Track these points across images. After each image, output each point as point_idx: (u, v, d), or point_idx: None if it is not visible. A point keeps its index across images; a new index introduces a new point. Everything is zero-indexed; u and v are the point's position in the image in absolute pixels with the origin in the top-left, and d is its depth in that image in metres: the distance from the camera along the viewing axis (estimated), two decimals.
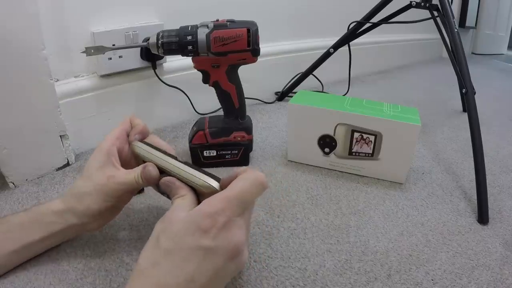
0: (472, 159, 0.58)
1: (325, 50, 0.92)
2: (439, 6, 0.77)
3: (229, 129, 0.62)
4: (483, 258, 0.46)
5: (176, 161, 0.39)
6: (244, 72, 0.61)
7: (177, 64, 0.78)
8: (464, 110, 0.98)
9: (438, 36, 0.77)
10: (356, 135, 0.60)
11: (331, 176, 0.63)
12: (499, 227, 0.52)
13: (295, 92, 0.97)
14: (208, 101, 0.76)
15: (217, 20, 0.56)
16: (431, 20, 0.78)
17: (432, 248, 0.47)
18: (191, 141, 0.62)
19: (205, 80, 0.60)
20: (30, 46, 0.53)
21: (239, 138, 0.63)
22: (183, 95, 0.79)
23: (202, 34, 0.54)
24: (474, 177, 0.57)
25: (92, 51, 0.56)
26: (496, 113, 0.99)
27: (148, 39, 0.56)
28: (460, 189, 0.61)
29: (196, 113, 0.83)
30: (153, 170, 0.39)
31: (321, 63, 0.94)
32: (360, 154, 0.62)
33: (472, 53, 1.94)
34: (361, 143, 0.60)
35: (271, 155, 0.69)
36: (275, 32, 0.97)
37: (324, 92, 1.02)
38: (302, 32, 1.07)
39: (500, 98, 1.14)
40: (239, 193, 0.32)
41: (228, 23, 0.55)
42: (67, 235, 0.43)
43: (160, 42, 0.55)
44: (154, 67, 0.72)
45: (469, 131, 0.60)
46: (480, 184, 0.55)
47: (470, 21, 1.71)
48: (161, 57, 0.73)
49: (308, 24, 1.08)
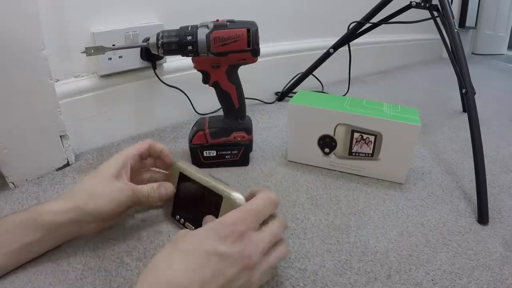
0: (472, 159, 0.58)
1: (325, 50, 0.92)
2: (439, 6, 0.77)
3: (229, 129, 0.62)
4: (483, 258, 0.46)
5: (213, 178, 0.45)
6: (244, 72, 0.61)
7: (177, 64, 0.78)
8: (464, 110, 0.98)
9: (438, 36, 0.77)
10: (356, 135, 0.60)
11: (331, 176, 0.63)
12: (499, 227, 0.52)
13: (295, 92, 0.97)
14: (208, 101, 0.76)
15: (217, 20, 0.56)
16: (431, 21, 0.78)
17: (432, 248, 0.47)
18: (191, 141, 0.62)
19: (205, 80, 0.60)
20: (30, 46, 0.53)
21: (239, 138, 0.63)
22: (183, 95, 0.79)
23: (202, 34, 0.54)
24: (474, 177, 0.57)
25: (92, 51, 0.56)
26: (496, 113, 0.99)
27: (148, 39, 0.56)
28: (460, 189, 0.61)
29: (196, 113, 0.83)
30: (169, 187, 0.46)
31: (321, 63, 0.94)
32: (360, 154, 0.62)
33: (472, 53, 1.94)
34: (361, 143, 0.60)
35: (271, 155, 0.69)
36: (275, 32, 0.97)
37: (324, 92, 1.02)
38: (302, 32, 1.07)
39: (500, 98, 1.14)
40: (255, 207, 0.36)
41: (228, 23, 0.55)
42: (65, 236, 0.43)
43: (160, 42, 0.55)
44: (154, 67, 0.72)
45: (469, 131, 0.60)
46: (480, 184, 0.55)
47: (470, 21, 1.70)
48: (161, 57, 0.73)
49: (308, 24, 1.08)
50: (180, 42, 0.55)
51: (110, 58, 0.66)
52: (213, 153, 0.63)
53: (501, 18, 1.94)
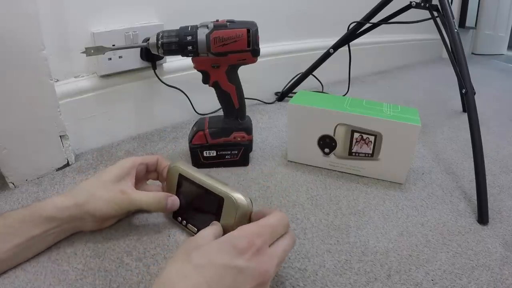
0: (472, 159, 0.58)
1: (325, 51, 0.92)
2: (439, 6, 0.77)
3: (229, 130, 0.62)
4: (483, 258, 0.46)
5: (213, 178, 0.45)
6: (244, 72, 0.61)
7: (177, 64, 0.78)
8: (464, 110, 0.98)
9: (438, 36, 0.77)
10: (356, 135, 0.60)
11: (331, 177, 0.63)
12: (499, 227, 0.52)
13: (295, 93, 0.97)
14: (208, 101, 0.76)
15: (217, 21, 0.56)
16: (431, 21, 0.78)
17: (432, 248, 0.47)
18: (191, 141, 0.62)
19: (205, 80, 0.60)
20: (30, 46, 0.53)
21: (239, 139, 0.63)
22: (183, 95, 0.79)
23: (202, 35, 0.54)
24: (474, 177, 0.56)
25: (92, 51, 0.56)
26: (496, 113, 0.99)
27: (148, 40, 0.56)
28: (460, 189, 0.61)
29: (196, 113, 0.83)
30: (176, 201, 0.47)
31: (321, 64, 0.94)
32: (360, 155, 0.62)
33: (472, 53, 1.94)
34: (361, 143, 0.60)
35: (271, 156, 0.69)
36: (275, 33, 0.97)
37: (324, 93, 1.02)
38: (302, 32, 1.07)
39: (500, 98, 1.14)
40: (270, 224, 0.36)
41: (228, 23, 0.55)
42: (68, 230, 0.44)
43: (160, 42, 0.55)
44: (154, 67, 0.72)
45: (469, 131, 0.60)
46: (480, 185, 0.55)
47: (470, 21, 1.70)
48: (161, 58, 0.73)
49: (308, 25, 1.08)
50: (180, 42, 0.55)
51: (110, 58, 0.66)
52: (213, 153, 0.63)
53: (501, 18, 1.94)
